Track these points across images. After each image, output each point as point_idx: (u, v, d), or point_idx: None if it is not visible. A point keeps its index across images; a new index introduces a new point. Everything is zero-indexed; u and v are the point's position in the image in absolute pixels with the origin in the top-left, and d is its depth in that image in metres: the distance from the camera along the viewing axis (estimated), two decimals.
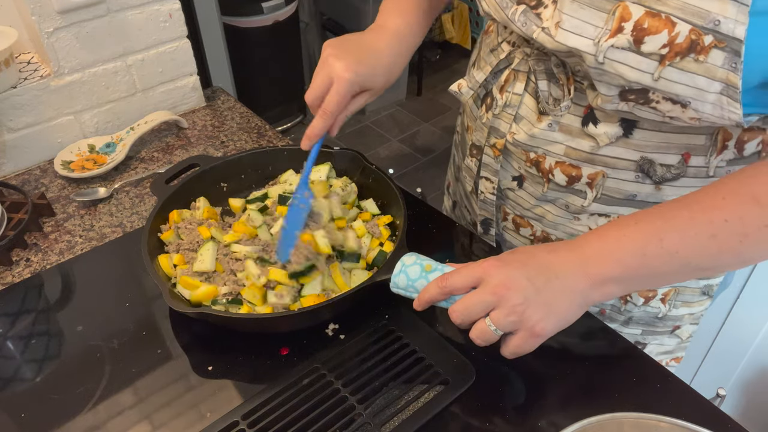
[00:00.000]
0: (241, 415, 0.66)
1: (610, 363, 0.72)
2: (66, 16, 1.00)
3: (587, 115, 0.69)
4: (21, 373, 0.74)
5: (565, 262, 0.61)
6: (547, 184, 0.76)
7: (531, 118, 0.74)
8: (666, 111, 0.60)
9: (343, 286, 0.77)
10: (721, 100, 0.57)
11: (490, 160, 0.81)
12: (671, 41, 0.55)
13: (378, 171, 0.88)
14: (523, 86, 0.74)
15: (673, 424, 0.54)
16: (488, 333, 0.61)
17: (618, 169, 0.70)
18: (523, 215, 0.83)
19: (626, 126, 0.67)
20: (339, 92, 0.73)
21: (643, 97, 0.61)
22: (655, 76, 0.58)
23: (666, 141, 0.67)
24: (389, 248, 0.82)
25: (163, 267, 0.79)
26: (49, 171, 1.08)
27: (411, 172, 2.84)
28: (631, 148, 0.68)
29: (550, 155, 0.73)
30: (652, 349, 0.89)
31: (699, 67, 0.55)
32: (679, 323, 0.86)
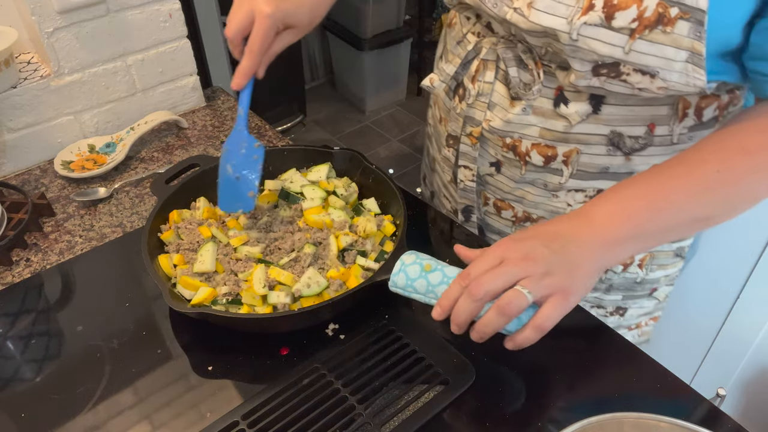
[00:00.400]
0: (241, 415, 0.66)
1: (610, 363, 0.72)
2: (66, 16, 1.01)
3: (558, 97, 0.73)
4: (21, 373, 0.74)
5: (576, 229, 0.62)
6: (525, 166, 0.79)
7: (504, 105, 0.77)
8: (636, 83, 0.64)
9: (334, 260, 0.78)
10: (687, 68, 0.61)
11: (468, 149, 0.84)
12: (640, 15, 0.59)
13: (378, 171, 0.88)
14: (494, 74, 0.77)
15: (673, 424, 0.54)
16: (521, 297, 0.58)
17: (590, 145, 0.74)
18: (504, 198, 0.86)
19: (595, 103, 0.71)
20: (262, 27, 0.70)
21: (615, 70, 0.64)
22: (626, 50, 0.61)
23: (632, 114, 0.71)
24: (389, 248, 0.82)
25: (163, 267, 0.79)
26: (49, 171, 1.08)
27: (411, 172, 2.84)
28: (601, 123, 0.72)
29: (526, 138, 0.77)
30: (633, 312, 0.93)
31: (666, 38, 0.59)
32: (656, 285, 0.90)
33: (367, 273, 0.77)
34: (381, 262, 0.78)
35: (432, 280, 0.68)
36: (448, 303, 0.63)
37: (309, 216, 0.83)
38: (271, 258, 0.80)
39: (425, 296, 0.68)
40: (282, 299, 0.73)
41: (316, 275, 0.75)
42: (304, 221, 0.84)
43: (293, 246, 0.80)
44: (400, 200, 0.83)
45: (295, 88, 2.95)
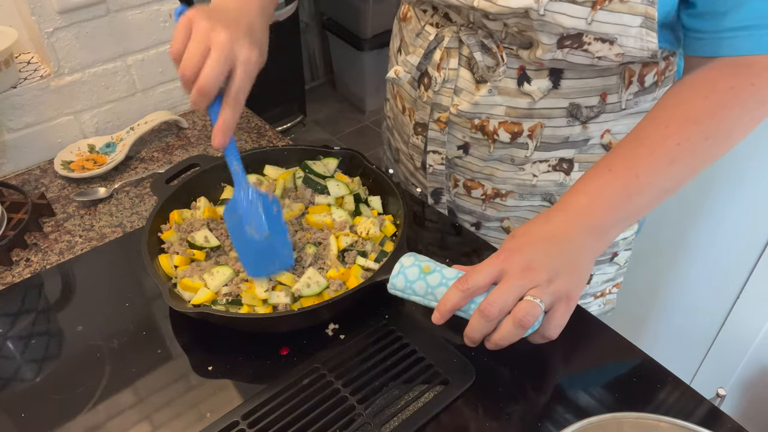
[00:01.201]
0: (241, 415, 0.66)
1: (609, 363, 0.72)
2: (66, 16, 1.01)
3: (521, 76, 0.78)
4: (21, 373, 0.74)
5: (564, 225, 0.65)
6: (493, 144, 0.84)
7: (470, 89, 0.81)
8: (596, 51, 0.70)
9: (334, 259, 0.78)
10: (641, 33, 0.67)
11: (436, 134, 0.88)
12: None
13: (378, 171, 0.88)
14: (457, 61, 0.81)
15: (673, 424, 0.54)
16: (535, 307, 0.60)
17: (552, 118, 0.80)
18: (474, 177, 0.90)
19: (554, 78, 0.77)
20: (249, 76, 0.67)
21: (578, 41, 0.69)
22: (588, 21, 0.67)
23: (587, 86, 0.77)
24: (389, 248, 0.82)
25: (163, 267, 0.79)
26: (49, 171, 1.08)
27: None
28: (561, 97, 0.78)
29: (493, 118, 0.81)
30: (597, 279, 0.98)
31: (624, 6, 0.65)
32: (615, 249, 0.96)
33: (367, 273, 0.77)
34: (381, 262, 0.78)
35: (431, 282, 0.68)
36: (446, 308, 0.64)
37: (311, 217, 0.83)
38: None
39: (424, 298, 0.68)
40: (282, 299, 0.73)
41: (316, 275, 0.75)
42: (306, 221, 0.84)
43: (293, 246, 0.80)
44: (400, 200, 0.83)
45: (295, 88, 2.95)
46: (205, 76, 0.63)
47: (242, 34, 0.67)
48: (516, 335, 0.62)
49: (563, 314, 0.63)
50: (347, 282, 0.76)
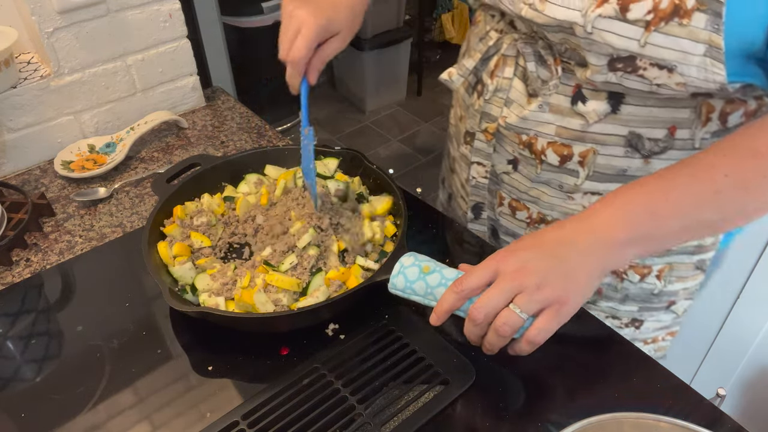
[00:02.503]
0: (241, 415, 0.66)
1: (610, 363, 0.72)
2: (66, 16, 1.01)
3: (576, 94, 0.72)
4: (21, 373, 0.74)
5: (576, 233, 0.61)
6: (540, 165, 0.78)
7: (521, 101, 0.76)
8: (653, 78, 0.63)
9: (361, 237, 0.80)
10: (705, 62, 0.59)
11: (482, 145, 0.84)
12: (655, 7, 0.58)
13: (378, 171, 0.88)
14: (512, 70, 0.77)
15: (673, 424, 0.54)
16: (513, 317, 0.59)
17: (608, 146, 0.73)
18: (519, 198, 0.85)
19: (613, 102, 0.70)
20: (305, 36, 0.73)
21: (631, 64, 0.63)
22: (641, 42, 0.60)
23: (652, 115, 0.69)
24: (389, 248, 0.82)
25: (161, 254, 0.79)
26: (49, 171, 1.08)
27: (411, 172, 2.84)
28: (619, 123, 0.71)
29: (542, 136, 0.76)
30: (650, 326, 0.90)
31: (683, 30, 0.58)
32: (674, 298, 0.88)
33: (367, 273, 0.77)
34: (381, 262, 0.78)
35: (430, 282, 0.67)
36: (442, 310, 0.64)
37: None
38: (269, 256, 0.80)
39: (424, 298, 0.68)
40: (282, 301, 0.73)
41: (321, 289, 0.75)
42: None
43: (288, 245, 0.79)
44: (401, 200, 0.83)
45: None
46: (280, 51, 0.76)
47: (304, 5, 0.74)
48: (499, 342, 0.61)
49: (550, 320, 0.60)
50: (347, 282, 0.76)
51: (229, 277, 0.77)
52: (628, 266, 0.82)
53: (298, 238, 0.79)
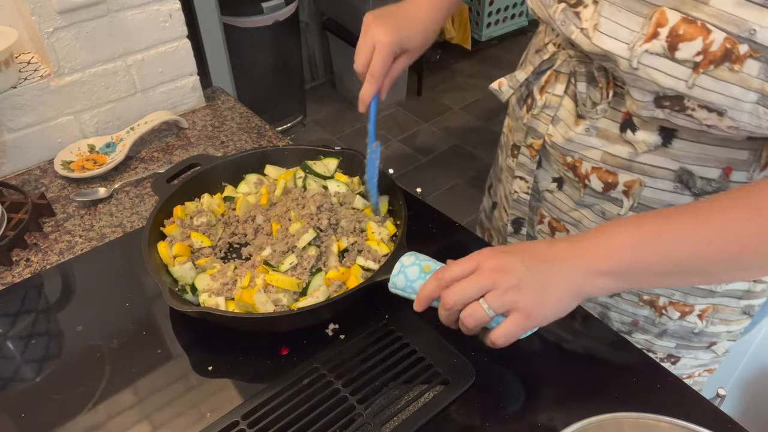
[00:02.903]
0: (241, 415, 0.66)
1: (610, 363, 0.72)
2: (66, 16, 1.00)
3: (626, 121, 0.68)
4: (21, 373, 0.74)
5: (562, 252, 0.61)
6: (584, 189, 0.75)
7: (569, 121, 0.73)
8: (702, 119, 0.60)
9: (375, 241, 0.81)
10: (758, 110, 0.56)
11: (527, 160, 0.81)
12: (705, 49, 0.55)
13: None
14: (564, 88, 0.74)
15: (673, 424, 0.54)
16: (480, 312, 0.60)
17: (656, 178, 0.69)
18: (560, 219, 0.82)
19: (665, 135, 0.66)
20: (381, 55, 0.78)
21: (679, 104, 0.60)
22: (689, 84, 0.57)
23: (706, 153, 0.65)
24: (389, 248, 0.82)
25: (161, 254, 0.79)
26: (49, 171, 1.08)
27: (411, 172, 2.84)
28: (670, 157, 0.67)
29: (587, 160, 0.73)
30: (686, 362, 0.87)
31: (734, 76, 0.55)
32: (715, 339, 0.84)
33: (367, 273, 0.77)
34: (381, 262, 0.78)
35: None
36: (423, 295, 0.65)
37: None
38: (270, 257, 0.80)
39: None
40: (282, 300, 0.73)
41: (321, 290, 0.75)
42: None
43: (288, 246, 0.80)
44: (401, 200, 0.83)
45: (295, 88, 2.95)
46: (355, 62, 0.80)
47: (386, 21, 0.79)
48: (467, 331, 0.62)
49: (513, 326, 0.59)
50: (347, 282, 0.76)
51: (229, 277, 0.77)
52: (669, 302, 0.80)
53: (298, 238, 0.79)
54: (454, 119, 3.18)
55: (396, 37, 0.78)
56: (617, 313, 0.84)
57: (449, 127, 3.13)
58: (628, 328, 0.84)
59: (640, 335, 0.84)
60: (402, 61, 0.82)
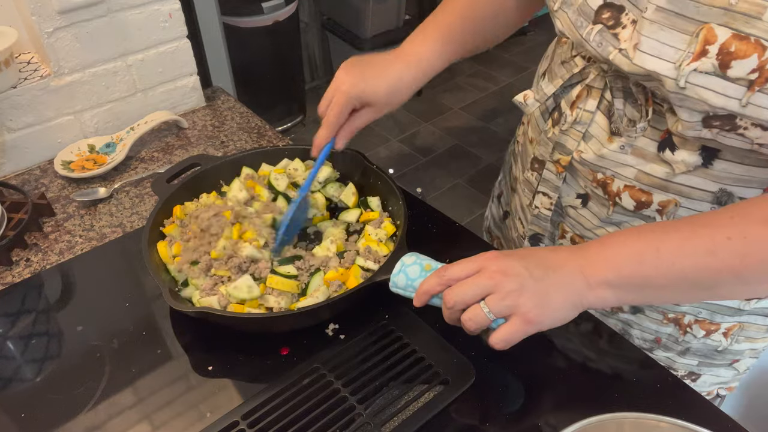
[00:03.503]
0: (241, 415, 0.66)
1: (610, 363, 0.72)
2: (66, 16, 1.00)
3: (664, 140, 0.65)
4: (21, 373, 0.74)
5: (564, 260, 0.61)
6: (613, 207, 0.73)
7: (601, 138, 0.70)
8: (755, 138, 0.57)
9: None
10: None
11: (552, 176, 0.78)
12: (761, 66, 0.53)
13: (379, 171, 0.88)
14: (596, 103, 0.70)
15: (673, 424, 0.54)
16: (481, 315, 0.60)
17: (693, 199, 0.67)
18: (584, 235, 0.80)
19: (707, 155, 0.63)
20: (337, 103, 0.78)
21: (730, 123, 0.57)
22: (743, 102, 0.55)
23: (749, 174, 0.63)
24: (389, 248, 0.82)
25: (160, 254, 0.79)
26: (49, 171, 1.08)
27: (411, 172, 2.84)
28: (710, 178, 0.65)
29: (619, 178, 0.70)
30: (707, 380, 0.86)
31: None
32: (738, 357, 0.83)
33: (367, 273, 0.77)
34: (380, 262, 0.78)
35: None
36: (422, 290, 0.65)
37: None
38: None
39: None
40: (280, 303, 0.73)
41: (320, 290, 0.75)
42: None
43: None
44: (401, 200, 0.83)
45: (295, 88, 2.95)
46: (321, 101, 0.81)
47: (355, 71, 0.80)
48: (470, 332, 0.62)
49: (512, 331, 0.59)
50: (347, 282, 0.76)
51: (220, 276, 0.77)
52: (694, 320, 0.78)
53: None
54: (454, 119, 3.18)
55: (357, 89, 0.78)
56: (639, 330, 0.82)
57: (449, 127, 3.13)
58: (649, 345, 0.83)
59: (661, 353, 0.83)
60: (365, 114, 0.81)
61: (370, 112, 0.81)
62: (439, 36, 0.83)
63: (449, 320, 0.64)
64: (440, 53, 0.83)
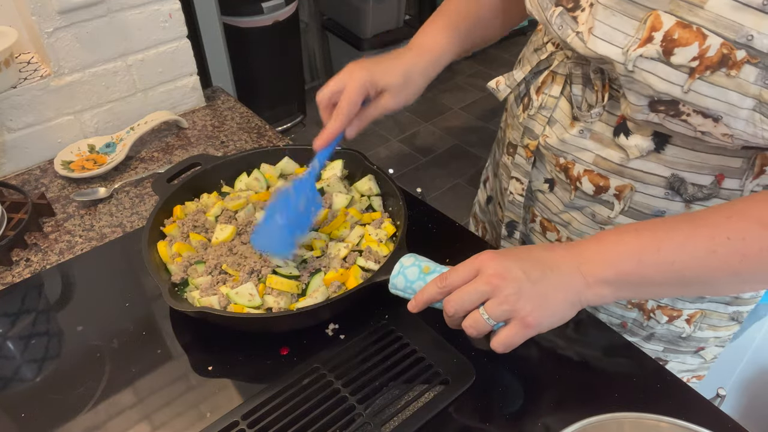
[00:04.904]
0: (241, 415, 0.66)
1: (610, 363, 0.72)
2: (66, 16, 1.00)
3: (619, 126, 0.68)
4: (21, 373, 0.74)
5: (562, 259, 0.61)
6: (575, 191, 0.75)
7: (564, 123, 0.73)
8: (697, 125, 0.59)
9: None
10: (754, 117, 0.55)
11: (522, 161, 0.81)
12: (702, 54, 0.54)
13: (379, 171, 0.88)
14: (560, 89, 0.73)
15: (673, 424, 0.54)
16: (481, 322, 0.60)
17: (647, 184, 0.69)
18: (551, 219, 0.82)
19: (658, 141, 0.66)
20: (351, 89, 0.74)
21: (674, 108, 0.59)
22: (684, 89, 0.56)
23: (699, 160, 0.65)
24: (389, 249, 0.82)
25: (160, 254, 0.79)
26: (49, 171, 1.08)
27: (411, 172, 2.84)
28: (663, 163, 0.67)
29: (579, 162, 0.73)
30: (673, 366, 0.87)
31: (730, 82, 0.54)
32: (703, 345, 0.85)
33: (367, 274, 0.77)
34: (380, 262, 0.78)
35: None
36: (422, 300, 0.65)
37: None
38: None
39: None
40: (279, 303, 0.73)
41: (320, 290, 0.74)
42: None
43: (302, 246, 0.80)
44: (401, 201, 0.83)
45: (295, 88, 2.95)
46: (319, 91, 0.77)
47: (366, 61, 0.77)
48: (472, 337, 0.62)
49: (512, 335, 0.60)
50: (347, 282, 0.76)
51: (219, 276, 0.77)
52: (657, 306, 0.80)
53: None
54: (454, 119, 3.18)
55: (370, 73, 0.75)
56: (606, 315, 0.84)
57: (449, 127, 3.13)
58: (617, 330, 0.84)
59: (628, 337, 0.84)
60: (381, 102, 0.78)
61: (387, 98, 0.78)
62: (447, 27, 0.83)
63: (452, 326, 0.64)
64: (450, 44, 0.83)
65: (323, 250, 0.80)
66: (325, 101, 0.76)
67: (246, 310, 0.73)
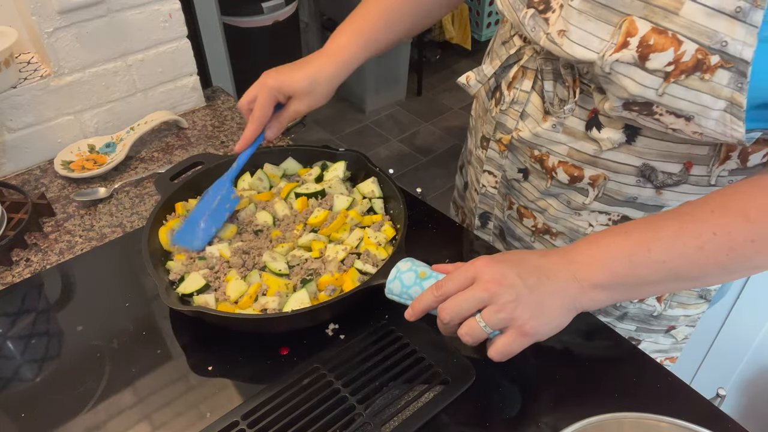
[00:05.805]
0: (241, 415, 0.66)
1: (610, 363, 0.72)
2: (66, 16, 1.00)
3: (591, 119, 0.69)
4: (21, 373, 0.74)
5: (556, 266, 0.61)
6: (550, 180, 0.77)
7: (537, 117, 0.74)
8: (669, 123, 0.61)
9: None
10: (725, 118, 0.57)
11: (495, 155, 0.82)
12: (677, 59, 0.55)
13: (380, 173, 0.88)
14: (531, 84, 0.74)
15: (673, 424, 0.54)
16: (477, 329, 0.60)
17: (620, 173, 0.71)
18: (527, 206, 0.84)
19: (629, 133, 0.67)
20: (261, 97, 0.81)
21: (647, 109, 0.61)
22: (659, 92, 0.58)
23: (668, 150, 0.67)
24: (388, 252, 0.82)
25: (161, 240, 0.81)
26: (49, 171, 1.08)
27: (411, 172, 2.84)
28: (634, 154, 0.69)
29: (554, 154, 0.74)
30: (646, 347, 0.89)
31: (704, 85, 0.55)
32: (674, 323, 0.87)
33: (364, 277, 0.77)
34: (378, 266, 0.78)
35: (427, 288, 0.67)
36: (419, 308, 0.64)
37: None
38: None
39: None
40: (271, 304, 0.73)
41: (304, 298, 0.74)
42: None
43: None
44: (402, 202, 0.83)
45: None
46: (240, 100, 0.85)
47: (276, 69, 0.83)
48: (467, 344, 0.62)
49: (509, 344, 0.60)
50: (343, 286, 0.75)
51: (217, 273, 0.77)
52: None
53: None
54: (454, 119, 3.18)
55: (277, 81, 0.81)
56: None
57: (449, 127, 3.13)
58: (593, 311, 0.85)
59: (602, 318, 0.86)
60: (291, 106, 0.84)
61: (296, 104, 0.84)
62: (359, 29, 0.87)
63: (446, 334, 0.64)
64: (361, 45, 0.86)
65: (321, 252, 0.80)
66: (244, 109, 0.84)
67: (239, 304, 0.73)
